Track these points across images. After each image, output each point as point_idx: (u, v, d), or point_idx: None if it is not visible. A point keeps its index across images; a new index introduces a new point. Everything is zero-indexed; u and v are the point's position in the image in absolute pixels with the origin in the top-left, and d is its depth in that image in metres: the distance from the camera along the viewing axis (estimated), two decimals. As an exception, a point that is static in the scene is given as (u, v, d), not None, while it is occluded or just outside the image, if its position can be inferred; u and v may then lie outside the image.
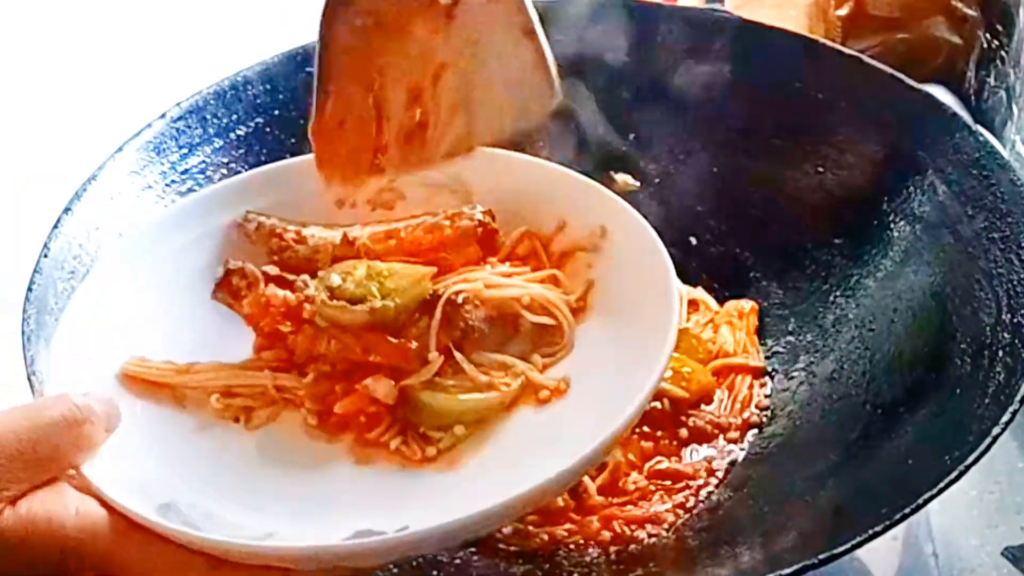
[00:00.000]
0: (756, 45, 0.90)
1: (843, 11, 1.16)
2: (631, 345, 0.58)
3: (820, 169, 0.87)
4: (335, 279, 0.60)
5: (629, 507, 0.74)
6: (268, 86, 0.90)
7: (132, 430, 0.56)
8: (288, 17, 1.29)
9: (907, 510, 0.60)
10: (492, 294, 0.61)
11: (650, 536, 0.74)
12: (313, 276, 0.62)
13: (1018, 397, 0.65)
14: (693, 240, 0.91)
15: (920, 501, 0.61)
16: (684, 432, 0.78)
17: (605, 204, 0.65)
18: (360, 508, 0.55)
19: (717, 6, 1.13)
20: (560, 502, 0.73)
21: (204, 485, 0.56)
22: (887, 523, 0.60)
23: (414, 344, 0.58)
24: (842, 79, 0.87)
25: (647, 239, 0.62)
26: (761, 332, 0.86)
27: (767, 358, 0.84)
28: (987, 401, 0.66)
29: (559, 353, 0.62)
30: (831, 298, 0.84)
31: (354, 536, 0.52)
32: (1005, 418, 0.64)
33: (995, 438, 0.63)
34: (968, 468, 0.62)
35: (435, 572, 0.69)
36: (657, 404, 0.77)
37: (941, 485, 0.61)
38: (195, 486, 0.56)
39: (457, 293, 0.60)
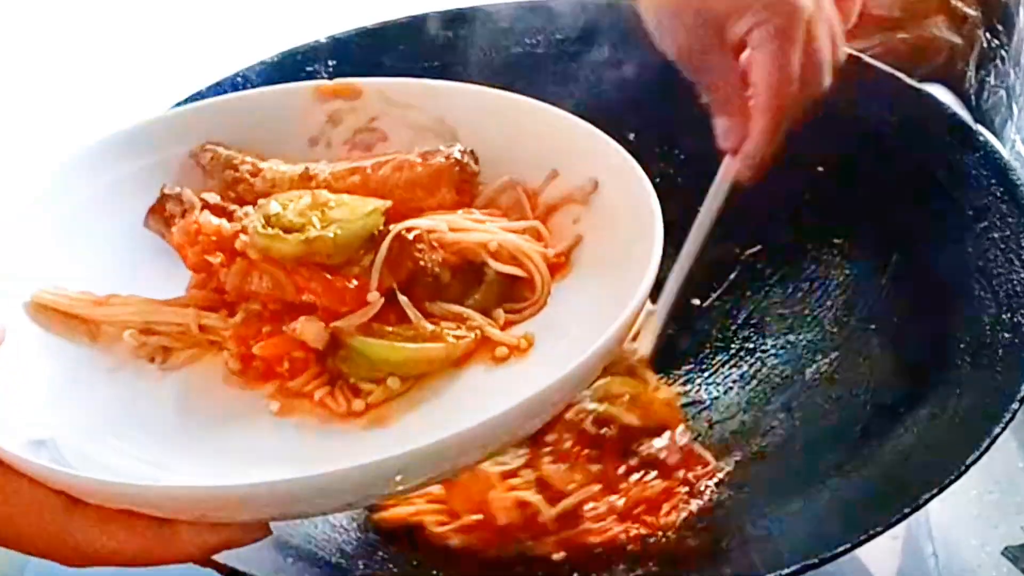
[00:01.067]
0: (756, 45, 0.90)
1: (843, 11, 1.16)
2: (606, 307, 0.51)
3: (820, 169, 0.87)
4: (274, 207, 0.53)
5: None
6: (268, 86, 0.90)
7: (26, 360, 0.51)
8: (288, 17, 1.29)
9: (907, 510, 0.60)
10: (455, 237, 0.54)
11: (650, 536, 0.74)
12: None
13: (1018, 397, 0.65)
14: (693, 240, 0.91)
15: (920, 501, 0.61)
16: (632, 461, 0.75)
17: (602, 153, 0.58)
18: (266, 462, 0.48)
19: (717, 6, 1.12)
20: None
21: (94, 426, 0.50)
22: (887, 523, 0.60)
23: (353, 283, 0.50)
24: (842, 79, 0.87)
25: (642, 195, 0.55)
26: (761, 332, 0.86)
27: (767, 358, 0.84)
28: (987, 401, 0.66)
29: (527, 310, 0.55)
30: (831, 298, 0.84)
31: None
32: (1005, 418, 0.64)
33: (995, 438, 0.63)
34: (968, 468, 0.62)
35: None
36: (606, 429, 0.74)
37: (941, 485, 0.61)
38: (83, 426, 0.50)
39: (410, 229, 0.52)
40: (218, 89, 0.88)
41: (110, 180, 0.59)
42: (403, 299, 0.51)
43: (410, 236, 0.51)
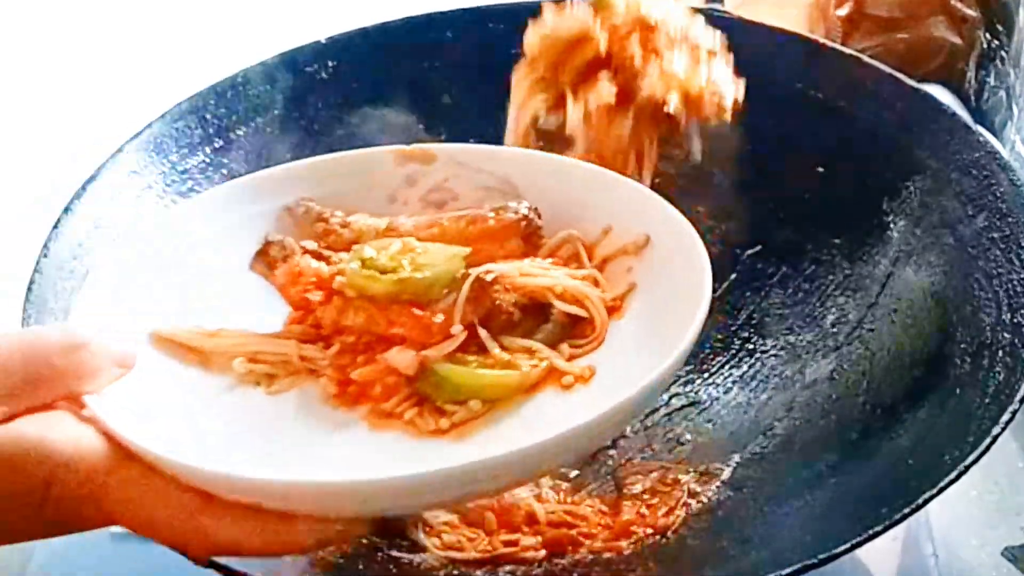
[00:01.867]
0: (756, 45, 0.90)
1: (843, 11, 1.16)
2: (660, 345, 0.58)
3: (820, 169, 0.87)
4: (368, 251, 0.60)
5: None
6: (268, 86, 0.90)
7: (149, 380, 0.57)
8: (288, 17, 1.29)
9: (907, 510, 0.60)
10: (525, 281, 0.61)
11: (650, 536, 0.74)
12: None
13: (1018, 397, 0.65)
14: (693, 240, 0.91)
15: (920, 501, 0.61)
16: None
17: (652, 209, 0.65)
18: (366, 466, 0.55)
19: (717, 6, 1.13)
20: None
21: (212, 435, 0.57)
22: (887, 523, 0.60)
23: (439, 318, 0.58)
24: (842, 79, 0.87)
25: (692, 248, 0.62)
26: (761, 332, 0.86)
27: (767, 358, 0.84)
28: (987, 401, 0.66)
29: (588, 346, 0.61)
30: (831, 298, 0.84)
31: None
32: (1005, 418, 0.64)
33: (995, 438, 0.63)
34: (968, 468, 0.62)
35: None
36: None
37: (941, 485, 0.61)
38: (202, 435, 0.57)
39: (487, 273, 0.60)
40: (218, 89, 0.88)
41: (216, 228, 0.66)
42: (483, 332, 0.59)
43: (488, 278, 0.59)
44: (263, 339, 0.61)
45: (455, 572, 0.72)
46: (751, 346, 0.86)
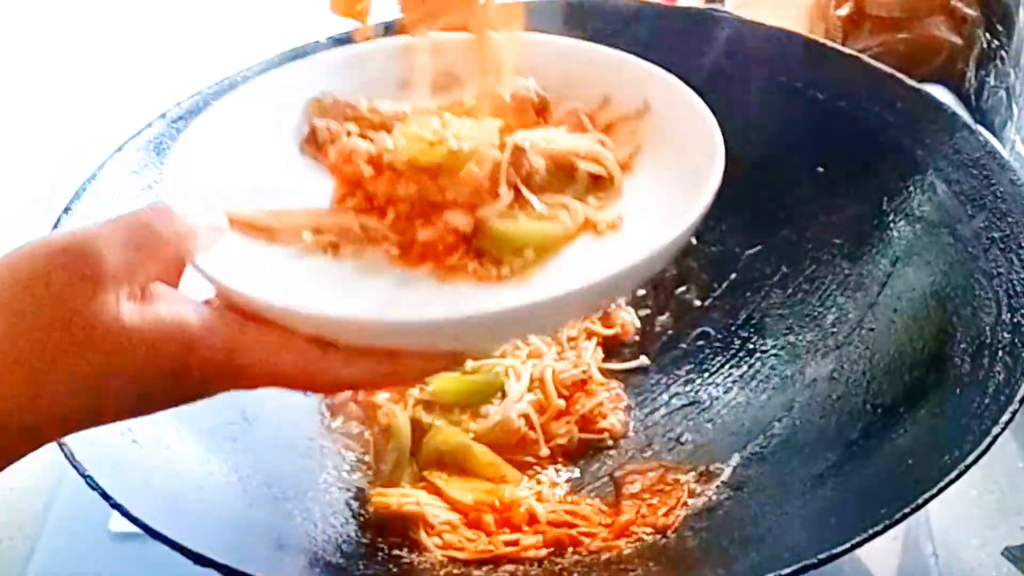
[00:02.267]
0: (756, 45, 0.90)
1: (843, 11, 1.16)
2: (678, 190, 0.64)
3: (820, 169, 0.87)
4: (414, 128, 0.65)
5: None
6: (268, 86, 0.90)
7: (236, 250, 0.61)
8: (288, 17, 1.29)
9: (907, 510, 0.60)
10: (551, 146, 0.66)
11: (650, 536, 0.74)
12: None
13: (1018, 397, 0.65)
14: (693, 240, 0.91)
15: (920, 501, 0.61)
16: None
17: (648, 77, 0.70)
18: (448, 307, 0.59)
19: (717, 6, 1.13)
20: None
21: (307, 291, 0.60)
22: (887, 523, 0.60)
23: (487, 182, 0.63)
24: (842, 79, 0.87)
25: (691, 105, 0.67)
26: (761, 332, 0.86)
27: (767, 358, 0.85)
28: (987, 401, 0.66)
29: (610, 200, 0.66)
30: (831, 298, 0.84)
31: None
32: (1005, 418, 0.64)
33: (995, 438, 0.63)
34: (968, 468, 0.62)
35: None
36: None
37: (941, 485, 0.61)
38: (300, 291, 0.60)
39: (523, 139, 0.65)
40: (218, 89, 0.88)
41: (252, 122, 0.70)
42: (526, 191, 0.64)
43: (524, 144, 0.64)
44: (322, 213, 0.65)
45: (455, 572, 0.72)
46: (751, 346, 0.86)
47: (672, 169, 0.67)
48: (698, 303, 0.90)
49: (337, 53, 0.75)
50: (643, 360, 0.87)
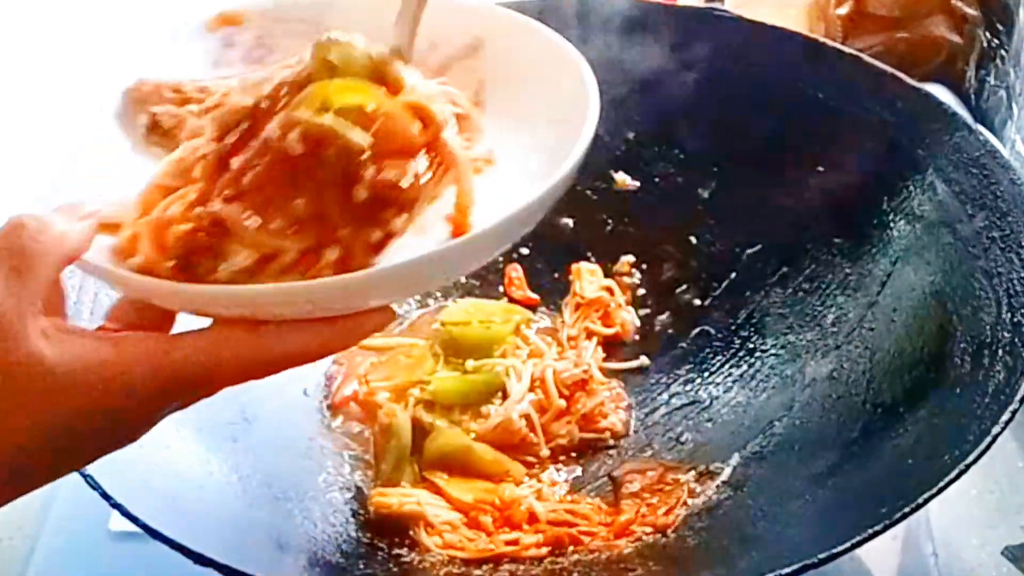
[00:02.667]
0: (756, 45, 0.90)
1: (843, 11, 1.16)
2: (543, 121, 0.60)
3: (820, 169, 0.87)
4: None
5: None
6: (268, 86, 0.90)
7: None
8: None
9: (907, 510, 0.60)
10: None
11: (650, 536, 0.74)
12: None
13: (1018, 396, 0.65)
14: (693, 240, 0.91)
15: (920, 501, 0.61)
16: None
17: (477, 15, 0.66)
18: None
19: (717, 6, 1.13)
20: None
21: None
22: (887, 523, 0.60)
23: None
24: (842, 79, 0.87)
25: (534, 34, 0.63)
26: (761, 332, 0.86)
27: (767, 358, 0.85)
28: (987, 401, 0.66)
29: (474, 138, 0.62)
30: (831, 298, 0.84)
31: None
32: (1005, 418, 0.64)
33: (995, 438, 0.63)
34: (968, 468, 0.62)
35: None
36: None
37: (941, 485, 0.61)
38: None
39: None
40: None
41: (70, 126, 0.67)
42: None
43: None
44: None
45: (455, 571, 0.72)
46: (751, 346, 0.86)
47: (531, 101, 0.63)
48: (698, 303, 0.90)
49: (141, 39, 0.71)
50: (643, 360, 0.87)
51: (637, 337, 0.89)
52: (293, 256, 0.54)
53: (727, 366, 0.85)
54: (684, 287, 0.90)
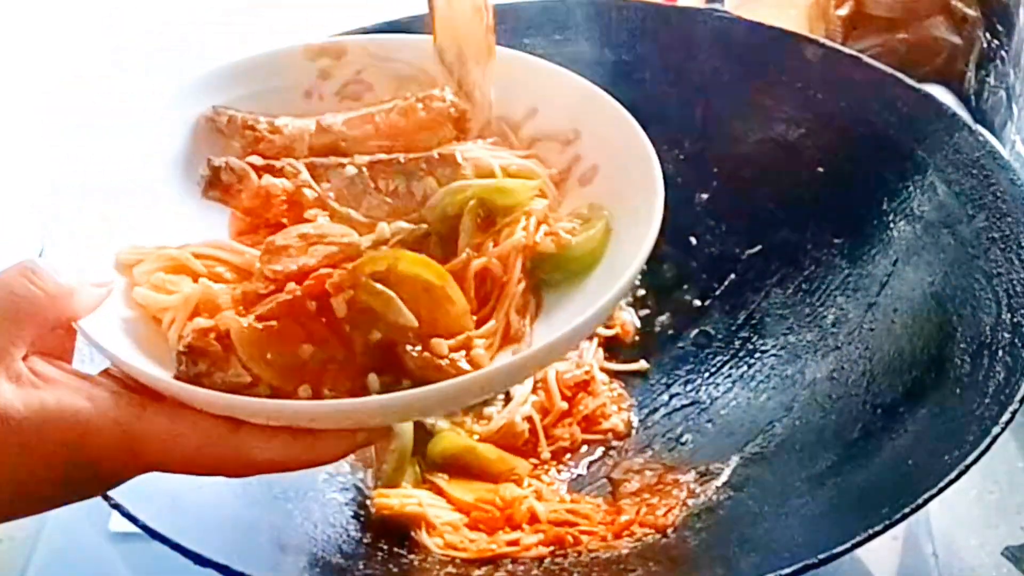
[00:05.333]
0: (756, 45, 0.90)
1: (843, 11, 1.16)
2: (615, 215, 0.61)
3: (820, 169, 0.87)
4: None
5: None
6: (268, 86, 0.90)
7: (128, 309, 0.57)
8: (288, 17, 1.29)
9: (907, 510, 0.61)
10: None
11: (650, 536, 0.74)
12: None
13: (1018, 397, 0.65)
14: (693, 240, 0.91)
15: (920, 501, 0.61)
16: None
17: (576, 90, 0.65)
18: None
19: (717, 6, 1.13)
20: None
21: None
22: (887, 523, 0.60)
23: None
24: (842, 79, 0.87)
25: (624, 125, 0.63)
26: (761, 332, 0.86)
27: (767, 358, 0.85)
28: (987, 401, 0.66)
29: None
30: (831, 298, 0.84)
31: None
32: (1005, 418, 0.64)
33: (995, 438, 0.63)
34: (968, 468, 0.62)
35: None
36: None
37: (941, 485, 0.61)
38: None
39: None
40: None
41: (137, 147, 0.64)
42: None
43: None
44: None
45: (455, 572, 0.72)
46: (751, 346, 0.86)
47: (605, 188, 0.62)
48: (698, 303, 0.90)
49: (235, 62, 0.69)
50: (643, 361, 0.87)
51: (637, 338, 0.89)
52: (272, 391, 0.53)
53: (727, 366, 0.85)
54: (684, 287, 0.90)
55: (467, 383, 0.54)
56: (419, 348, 0.55)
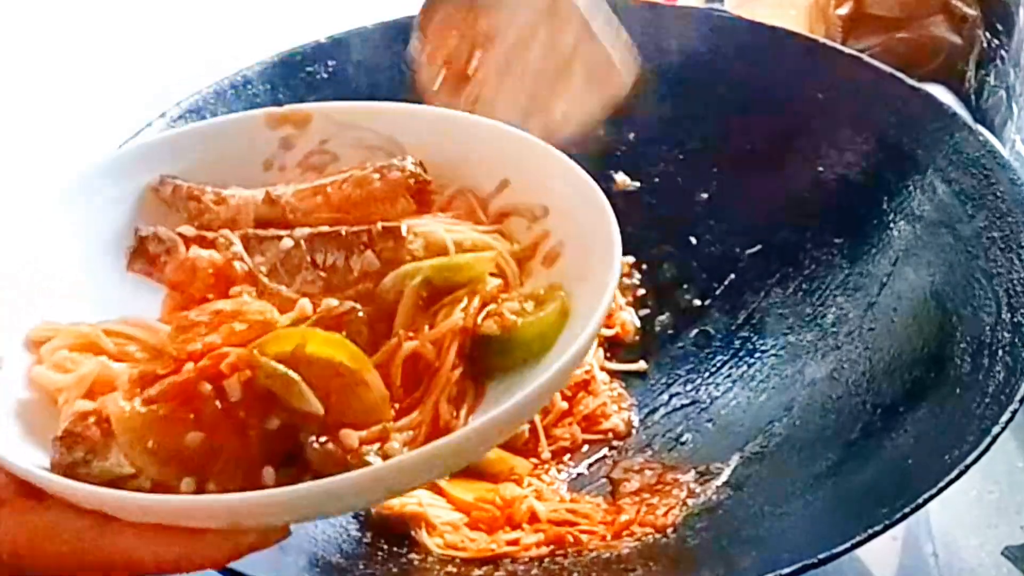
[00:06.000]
0: (756, 45, 0.90)
1: (843, 11, 1.16)
2: (574, 298, 0.56)
3: (820, 169, 0.87)
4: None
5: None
6: (268, 86, 0.90)
7: (25, 391, 0.54)
8: (288, 17, 1.29)
9: (907, 510, 0.61)
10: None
11: (650, 536, 0.74)
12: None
13: (1018, 397, 0.65)
14: (693, 240, 0.91)
15: (920, 501, 0.61)
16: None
17: (550, 164, 0.61)
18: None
19: (717, 6, 1.13)
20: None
21: None
22: (887, 523, 0.60)
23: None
24: (842, 79, 0.87)
25: (594, 202, 0.58)
26: (761, 332, 0.86)
27: (767, 358, 0.85)
28: (987, 401, 0.66)
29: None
30: (831, 298, 0.84)
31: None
32: (1005, 418, 0.64)
33: (995, 438, 0.63)
34: (968, 468, 0.62)
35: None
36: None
37: (941, 485, 0.61)
38: None
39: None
40: (218, 89, 0.88)
41: (75, 218, 0.61)
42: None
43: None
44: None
45: (455, 571, 0.72)
46: (751, 346, 0.86)
47: (567, 269, 0.58)
48: (698, 303, 0.90)
49: (194, 127, 0.66)
50: (643, 361, 0.87)
51: (637, 338, 0.89)
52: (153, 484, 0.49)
53: (727, 366, 0.85)
54: (684, 287, 0.90)
55: (370, 477, 0.49)
56: (324, 439, 0.49)
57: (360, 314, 0.54)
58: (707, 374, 0.85)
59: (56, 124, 1.22)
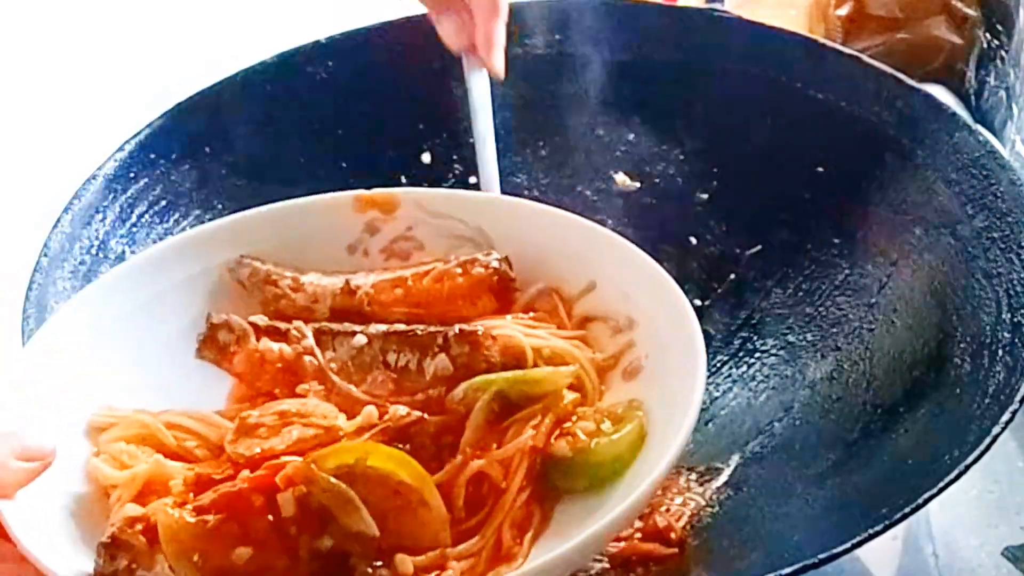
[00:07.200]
0: (756, 45, 0.90)
1: (843, 11, 1.16)
2: (652, 418, 0.55)
3: (820, 169, 0.87)
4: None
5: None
6: (268, 86, 0.90)
7: (81, 480, 0.53)
8: (288, 17, 1.29)
9: (907, 510, 0.60)
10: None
11: (650, 536, 0.74)
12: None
13: (1018, 397, 0.65)
14: (693, 240, 0.91)
15: (920, 501, 0.61)
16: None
17: (640, 270, 0.59)
18: None
19: (717, 6, 1.13)
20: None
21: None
22: (887, 523, 0.60)
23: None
24: (842, 79, 0.87)
25: (683, 318, 0.58)
26: (761, 332, 0.86)
27: (767, 358, 0.84)
28: (987, 401, 0.66)
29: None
30: (831, 298, 0.84)
31: None
32: (1005, 418, 0.64)
33: (995, 438, 0.63)
34: (968, 468, 0.62)
35: None
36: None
37: (941, 485, 0.61)
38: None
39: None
40: (219, 89, 0.88)
41: (148, 295, 0.60)
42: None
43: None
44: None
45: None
46: (751, 346, 0.86)
47: (648, 383, 0.57)
48: (698, 303, 0.90)
49: (278, 206, 0.64)
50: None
51: (637, 337, 0.89)
52: None
53: (727, 366, 0.85)
54: (684, 287, 0.90)
55: None
56: (378, 563, 0.48)
57: (428, 426, 0.52)
58: (707, 374, 0.85)
59: (56, 124, 1.22)
